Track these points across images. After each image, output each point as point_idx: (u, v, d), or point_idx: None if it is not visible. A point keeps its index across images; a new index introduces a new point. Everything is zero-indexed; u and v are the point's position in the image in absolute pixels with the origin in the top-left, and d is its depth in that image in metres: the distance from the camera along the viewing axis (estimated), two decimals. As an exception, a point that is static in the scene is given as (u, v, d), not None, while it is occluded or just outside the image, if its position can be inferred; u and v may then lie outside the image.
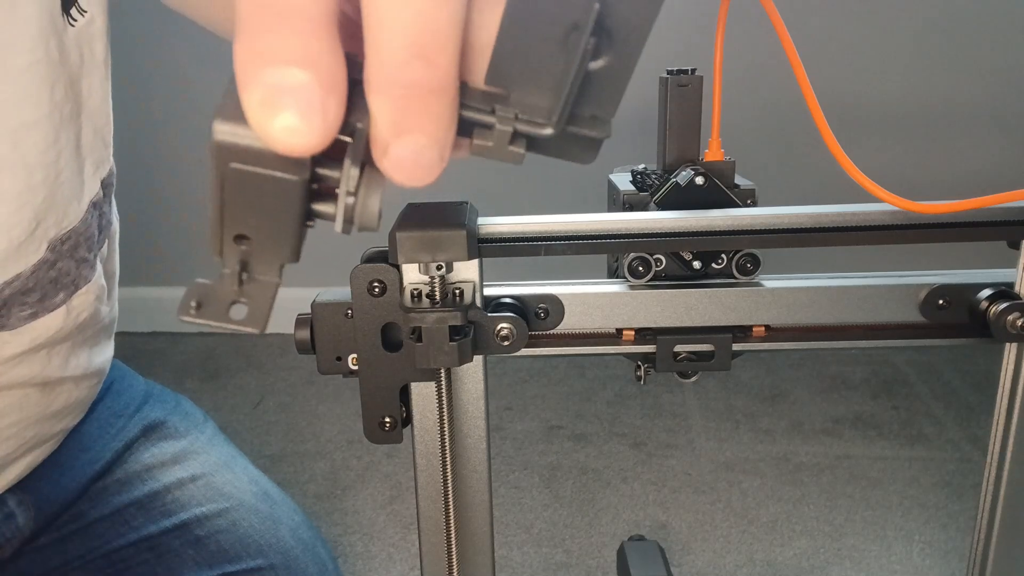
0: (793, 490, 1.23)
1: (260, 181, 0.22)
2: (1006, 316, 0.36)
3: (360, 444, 1.37)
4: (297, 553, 0.71)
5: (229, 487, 0.72)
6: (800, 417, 1.43)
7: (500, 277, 0.38)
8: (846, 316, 0.38)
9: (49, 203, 0.51)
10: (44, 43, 0.48)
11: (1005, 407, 0.38)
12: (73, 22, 0.50)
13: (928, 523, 1.14)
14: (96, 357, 0.65)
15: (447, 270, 0.34)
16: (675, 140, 0.40)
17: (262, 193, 0.22)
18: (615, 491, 1.24)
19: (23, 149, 0.49)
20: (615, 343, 0.39)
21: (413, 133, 0.21)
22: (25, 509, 0.65)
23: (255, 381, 1.63)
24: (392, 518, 1.19)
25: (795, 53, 0.34)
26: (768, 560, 1.08)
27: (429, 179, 0.22)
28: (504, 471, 1.29)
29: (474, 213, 0.37)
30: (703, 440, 1.37)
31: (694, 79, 0.40)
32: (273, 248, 0.23)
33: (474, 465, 0.39)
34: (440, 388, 0.36)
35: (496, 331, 0.36)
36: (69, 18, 0.50)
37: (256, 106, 0.20)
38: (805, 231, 0.36)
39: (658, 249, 0.38)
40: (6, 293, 0.52)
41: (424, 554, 0.40)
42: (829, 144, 0.34)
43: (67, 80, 0.51)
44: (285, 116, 0.19)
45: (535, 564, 1.09)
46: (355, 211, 0.22)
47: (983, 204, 0.34)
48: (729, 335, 0.38)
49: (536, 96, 0.22)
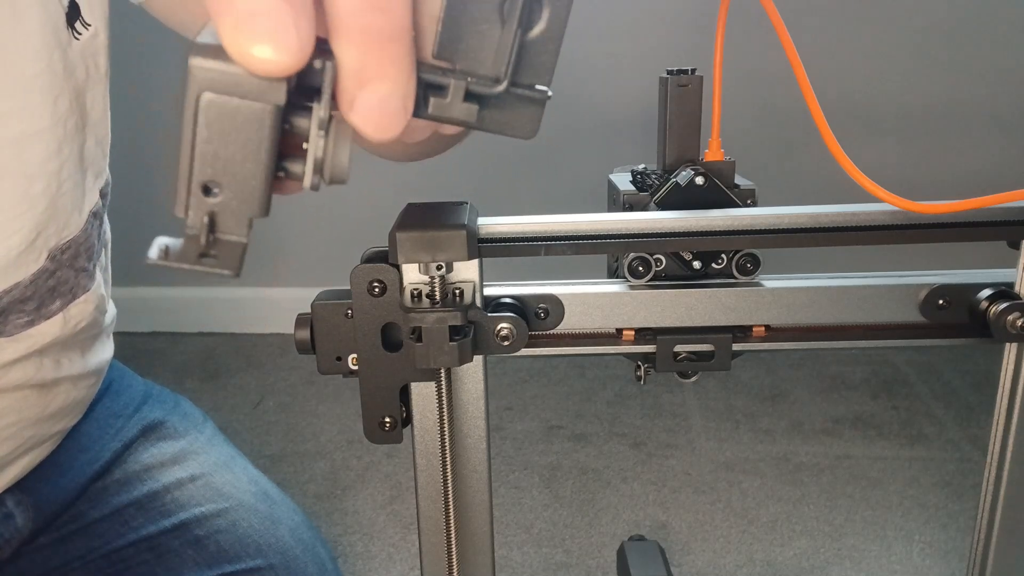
0: (793, 490, 1.23)
1: (234, 112, 0.22)
2: (1006, 316, 0.36)
3: (360, 444, 1.37)
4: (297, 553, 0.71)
5: (228, 487, 0.72)
6: (800, 417, 1.43)
7: (500, 277, 0.38)
8: (846, 316, 0.38)
9: (50, 213, 0.51)
10: (48, 55, 0.48)
11: (1005, 407, 0.38)
12: (78, 36, 0.51)
13: (928, 523, 1.14)
14: (94, 357, 0.65)
15: (447, 270, 0.34)
16: (675, 140, 0.40)
17: (235, 126, 0.22)
18: (615, 491, 1.24)
19: (24, 159, 0.49)
20: (615, 343, 0.39)
21: (376, 81, 0.23)
22: (24, 510, 0.65)
23: (255, 381, 1.63)
24: (392, 518, 1.19)
25: (795, 53, 0.34)
26: (768, 560, 1.08)
27: (395, 129, 0.23)
28: (504, 471, 1.29)
29: (474, 213, 0.37)
30: (703, 440, 1.37)
31: (694, 79, 0.40)
32: (243, 196, 0.23)
33: (474, 465, 0.39)
34: (440, 388, 0.36)
35: (496, 331, 0.36)
36: (74, 32, 0.50)
37: (231, 30, 0.21)
38: (805, 231, 0.36)
39: (658, 249, 0.38)
40: (4, 301, 0.52)
41: (424, 554, 0.39)
42: (829, 144, 0.34)
43: (72, 93, 0.51)
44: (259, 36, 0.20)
45: (535, 564, 1.09)
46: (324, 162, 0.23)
47: (983, 204, 0.34)
48: (729, 335, 0.38)
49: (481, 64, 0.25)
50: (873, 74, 1.63)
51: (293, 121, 0.23)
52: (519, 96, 0.26)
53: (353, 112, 0.23)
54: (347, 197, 1.76)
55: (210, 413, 0.83)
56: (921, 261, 0.51)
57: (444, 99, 0.25)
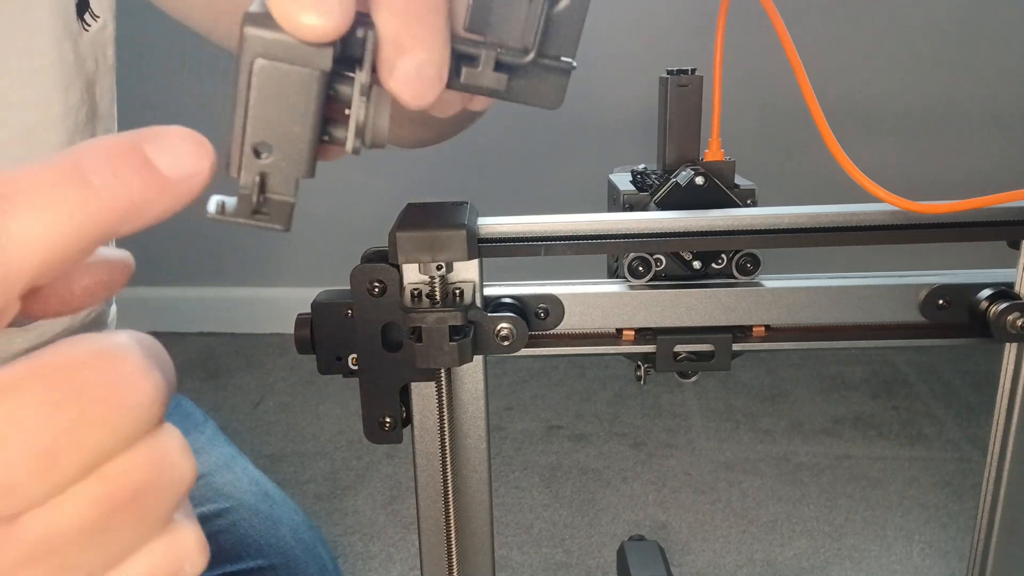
0: (793, 490, 1.22)
1: (284, 77, 0.23)
2: (1006, 316, 0.36)
3: (360, 444, 1.37)
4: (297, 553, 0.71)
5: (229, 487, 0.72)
6: (800, 417, 1.43)
7: (500, 277, 0.38)
8: (846, 316, 0.38)
9: None
10: (59, 46, 0.48)
11: (1005, 407, 0.38)
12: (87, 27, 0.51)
13: (928, 523, 1.14)
14: None
15: (447, 270, 0.34)
16: (675, 140, 0.40)
17: (285, 91, 0.24)
18: (615, 491, 1.24)
19: (36, 149, 0.49)
20: (615, 343, 0.39)
21: (414, 50, 0.24)
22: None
23: (255, 381, 1.63)
24: (392, 518, 1.19)
25: (795, 53, 0.34)
26: (768, 560, 1.08)
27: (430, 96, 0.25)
28: (504, 471, 1.29)
29: (474, 213, 0.37)
30: (703, 440, 1.37)
31: (694, 79, 0.40)
32: (291, 158, 0.24)
33: (474, 465, 0.39)
34: (440, 388, 0.36)
35: (496, 331, 0.36)
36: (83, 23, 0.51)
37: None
38: (805, 231, 0.36)
39: (658, 249, 0.38)
40: None
41: (424, 554, 0.40)
42: (829, 144, 0.34)
43: (83, 84, 0.51)
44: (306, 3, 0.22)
45: (535, 564, 1.09)
46: (366, 127, 0.25)
47: (983, 204, 0.34)
48: (729, 335, 0.38)
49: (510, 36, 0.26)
50: (873, 74, 1.63)
51: (338, 88, 0.25)
52: (546, 67, 0.27)
53: (392, 79, 0.24)
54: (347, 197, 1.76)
55: (210, 413, 0.83)
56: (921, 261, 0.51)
57: (476, 68, 0.27)
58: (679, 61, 0.40)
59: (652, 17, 1.62)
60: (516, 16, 0.26)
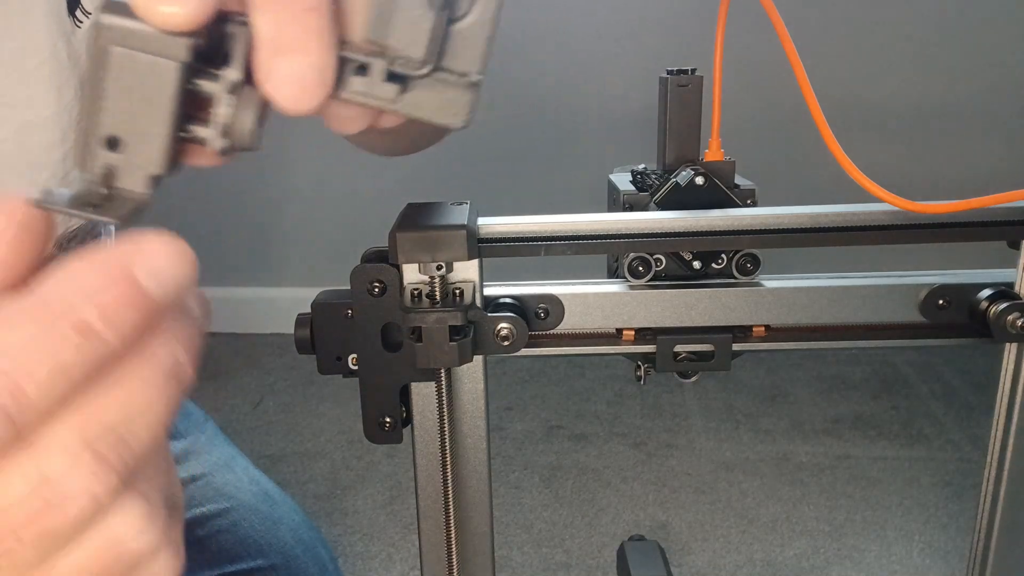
0: (793, 490, 1.23)
1: (139, 67, 0.22)
2: (1006, 316, 0.36)
3: (360, 444, 1.37)
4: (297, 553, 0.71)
5: (229, 487, 0.72)
6: (800, 417, 1.43)
7: (500, 277, 0.38)
8: (846, 316, 0.38)
9: None
10: (51, 44, 0.48)
11: (1005, 407, 0.38)
12: (79, 24, 0.51)
13: (928, 523, 1.14)
14: None
15: (447, 270, 0.34)
16: (675, 140, 0.40)
17: (140, 81, 0.23)
18: (615, 491, 1.24)
19: (29, 148, 0.49)
20: (615, 343, 0.39)
21: (293, 52, 0.23)
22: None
23: (255, 381, 1.63)
24: (392, 518, 1.19)
25: (795, 53, 0.34)
26: (768, 560, 1.08)
27: (310, 103, 0.23)
28: (504, 471, 1.29)
29: (474, 213, 0.37)
30: (703, 440, 1.37)
31: (694, 79, 0.40)
32: (144, 152, 0.23)
33: (474, 465, 0.39)
34: (440, 388, 0.36)
35: (496, 331, 0.36)
36: (75, 20, 0.50)
37: None
38: (805, 231, 0.36)
39: (658, 249, 0.38)
40: None
41: (424, 554, 0.39)
42: (829, 144, 0.34)
43: (76, 82, 0.51)
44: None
45: (535, 564, 1.09)
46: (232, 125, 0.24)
47: (983, 204, 0.34)
48: (729, 335, 0.38)
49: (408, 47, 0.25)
50: (873, 74, 1.63)
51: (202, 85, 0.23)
52: (446, 81, 0.26)
53: (268, 82, 0.23)
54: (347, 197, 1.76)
55: (210, 413, 0.83)
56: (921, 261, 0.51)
57: (365, 78, 0.25)
58: (679, 61, 0.40)
59: (652, 17, 1.62)
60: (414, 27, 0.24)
